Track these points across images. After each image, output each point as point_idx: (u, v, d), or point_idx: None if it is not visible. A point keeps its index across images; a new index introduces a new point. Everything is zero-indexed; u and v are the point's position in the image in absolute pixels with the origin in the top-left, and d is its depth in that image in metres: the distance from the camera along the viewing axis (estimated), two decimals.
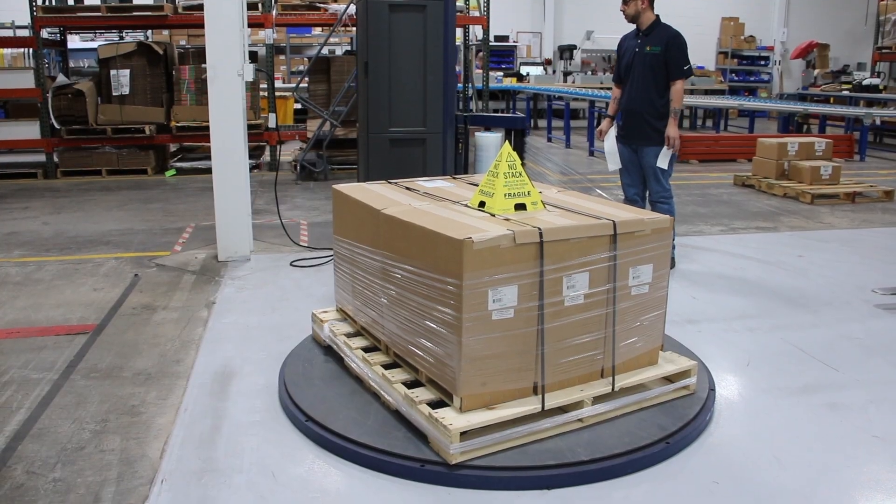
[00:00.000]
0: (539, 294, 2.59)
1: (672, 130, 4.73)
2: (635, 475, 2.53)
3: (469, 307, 2.49)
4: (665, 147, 4.75)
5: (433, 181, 3.56)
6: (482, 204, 2.92)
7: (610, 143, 5.06)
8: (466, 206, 2.97)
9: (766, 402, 3.12)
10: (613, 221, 2.72)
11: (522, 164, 5.21)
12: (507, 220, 2.71)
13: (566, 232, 2.63)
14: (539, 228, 2.58)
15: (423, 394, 2.71)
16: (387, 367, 2.96)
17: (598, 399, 2.76)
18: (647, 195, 5.00)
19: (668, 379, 2.99)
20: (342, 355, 3.23)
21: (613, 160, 5.08)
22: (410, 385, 2.80)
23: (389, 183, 3.53)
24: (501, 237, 2.51)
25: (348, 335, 3.30)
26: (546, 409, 2.65)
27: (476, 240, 2.46)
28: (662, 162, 4.78)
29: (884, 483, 2.54)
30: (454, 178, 3.68)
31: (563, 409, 2.71)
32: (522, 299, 2.58)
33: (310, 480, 2.52)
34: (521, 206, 2.87)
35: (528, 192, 2.90)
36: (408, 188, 3.39)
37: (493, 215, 2.80)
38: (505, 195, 2.85)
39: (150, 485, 2.48)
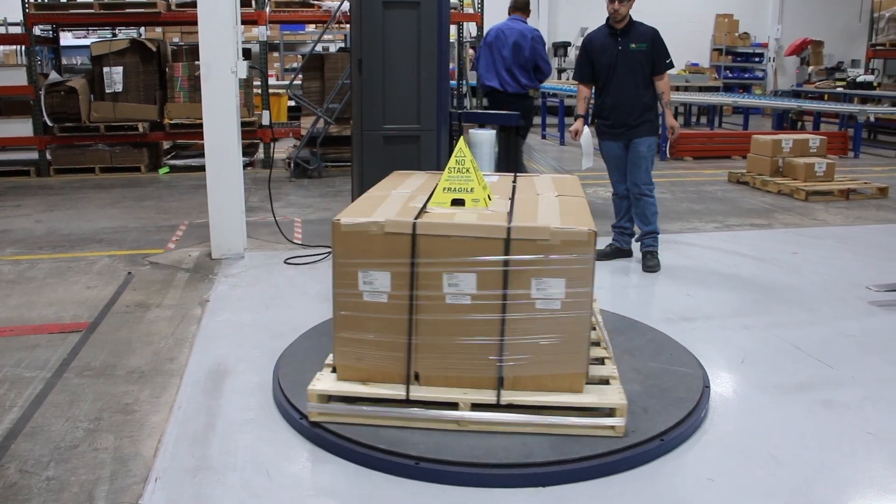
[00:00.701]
0: (410, 285, 2.64)
1: (673, 121, 4.96)
2: (630, 472, 2.53)
3: (340, 283, 2.71)
4: (669, 136, 5.01)
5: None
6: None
7: (586, 142, 5.12)
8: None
9: (761, 399, 3.12)
10: (508, 227, 2.61)
11: (518, 162, 5.24)
12: (426, 211, 2.80)
13: (446, 229, 2.63)
14: (414, 222, 2.62)
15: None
16: None
17: (483, 407, 2.66)
18: (631, 188, 5.00)
19: (596, 412, 2.68)
20: None
21: (589, 159, 5.20)
22: None
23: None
24: (370, 223, 2.65)
25: None
26: (412, 399, 2.68)
27: (343, 221, 2.67)
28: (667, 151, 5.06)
29: (879, 480, 2.54)
30: (504, 175, 3.67)
31: (454, 407, 2.67)
32: (396, 287, 2.66)
33: (304, 478, 2.51)
34: (459, 202, 2.88)
35: (471, 189, 2.89)
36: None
37: (423, 207, 2.86)
38: (444, 189, 2.90)
39: (144, 483, 2.47)
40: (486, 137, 5.14)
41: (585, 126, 5.09)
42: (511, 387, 2.70)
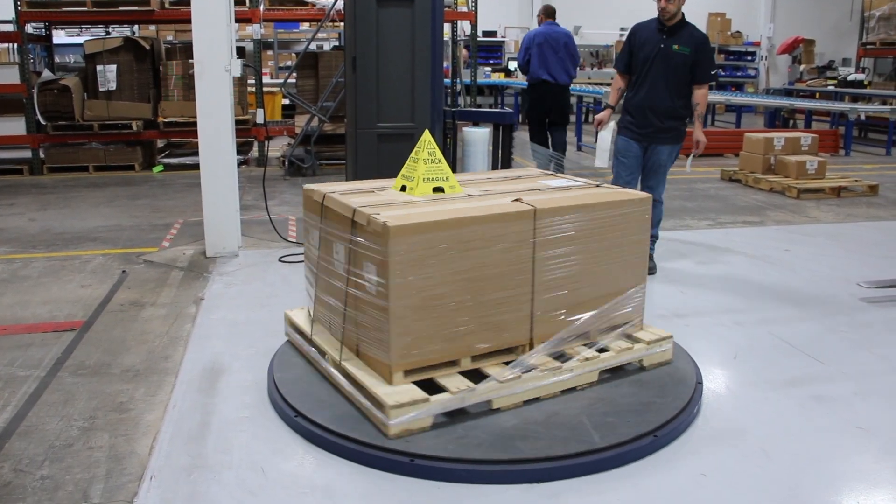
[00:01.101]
0: (319, 246, 3.15)
1: (701, 134, 4.71)
2: (623, 468, 2.55)
3: (305, 236, 3.34)
4: (693, 151, 4.76)
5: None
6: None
7: (605, 137, 4.83)
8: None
9: (753, 394, 3.15)
10: (354, 209, 2.82)
11: (510, 159, 5.25)
12: (370, 191, 3.19)
13: (333, 203, 3.01)
14: (325, 193, 3.08)
15: None
16: None
17: (337, 366, 2.95)
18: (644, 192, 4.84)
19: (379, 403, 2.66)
20: None
21: (603, 156, 4.90)
22: None
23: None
24: (313, 192, 3.18)
25: None
26: (313, 339, 3.17)
27: (305, 187, 3.27)
28: (689, 165, 4.89)
29: (869, 474, 2.57)
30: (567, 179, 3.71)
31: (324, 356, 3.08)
32: (318, 246, 3.17)
33: (299, 476, 2.52)
34: (440, 189, 3.14)
35: (447, 178, 3.16)
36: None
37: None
38: (423, 179, 3.14)
39: (139, 481, 2.47)
40: (480, 136, 5.15)
41: (612, 122, 4.79)
42: (360, 356, 2.93)
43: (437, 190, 3.11)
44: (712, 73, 4.59)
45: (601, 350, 3.10)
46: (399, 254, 2.61)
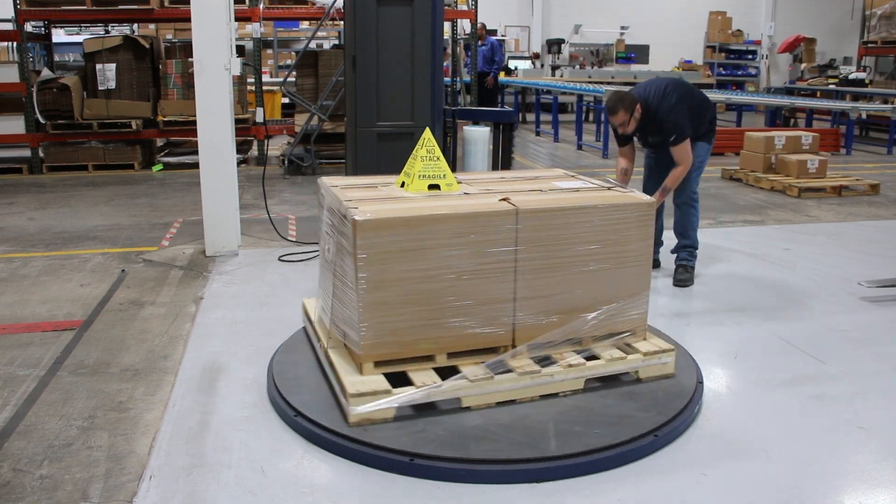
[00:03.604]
0: (322, 237, 3.35)
1: (664, 189, 4.31)
2: (623, 468, 2.55)
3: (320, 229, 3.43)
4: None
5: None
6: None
7: None
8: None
9: (753, 394, 3.15)
10: (342, 200, 2.93)
11: (510, 158, 5.24)
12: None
13: (330, 195, 3.12)
14: (328, 186, 3.35)
15: None
16: None
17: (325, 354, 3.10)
18: (675, 197, 4.51)
19: None
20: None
21: None
22: None
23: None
24: (321, 184, 3.49)
25: None
26: (314, 325, 3.55)
27: (319, 179, 3.38)
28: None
29: (869, 474, 2.57)
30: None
31: None
32: None
33: (299, 475, 2.52)
34: (435, 187, 3.14)
35: (444, 175, 3.16)
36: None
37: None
38: (420, 176, 3.13)
39: (139, 481, 2.47)
40: (480, 134, 5.15)
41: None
42: (345, 347, 3.09)
43: (433, 187, 3.11)
44: (671, 139, 4.26)
45: (591, 357, 3.00)
46: (367, 247, 2.69)
